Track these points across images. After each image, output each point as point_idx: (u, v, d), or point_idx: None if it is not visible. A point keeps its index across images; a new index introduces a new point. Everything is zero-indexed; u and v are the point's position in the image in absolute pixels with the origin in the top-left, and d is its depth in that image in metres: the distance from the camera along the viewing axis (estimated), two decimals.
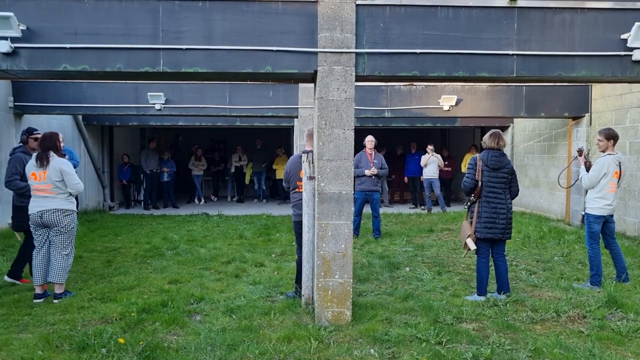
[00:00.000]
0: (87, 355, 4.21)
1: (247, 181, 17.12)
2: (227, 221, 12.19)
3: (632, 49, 5.00)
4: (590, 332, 4.78)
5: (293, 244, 9.38)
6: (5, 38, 4.65)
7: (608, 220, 6.34)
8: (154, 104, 10.04)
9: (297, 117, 10.55)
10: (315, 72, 4.91)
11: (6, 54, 4.72)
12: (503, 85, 10.54)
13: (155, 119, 12.37)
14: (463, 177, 15.31)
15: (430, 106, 10.74)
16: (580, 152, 6.42)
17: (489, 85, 10.55)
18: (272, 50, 4.86)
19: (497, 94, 10.70)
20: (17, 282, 6.47)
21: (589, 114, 10.72)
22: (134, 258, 8.05)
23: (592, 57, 5.05)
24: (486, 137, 5.78)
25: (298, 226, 5.86)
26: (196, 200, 16.52)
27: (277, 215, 13.30)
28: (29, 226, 6.09)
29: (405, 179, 15.67)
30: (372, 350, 4.40)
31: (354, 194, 9.75)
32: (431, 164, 14.21)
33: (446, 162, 15.05)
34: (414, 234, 10.46)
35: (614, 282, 6.32)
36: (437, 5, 4.92)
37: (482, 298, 5.77)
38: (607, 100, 10.27)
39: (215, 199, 17.39)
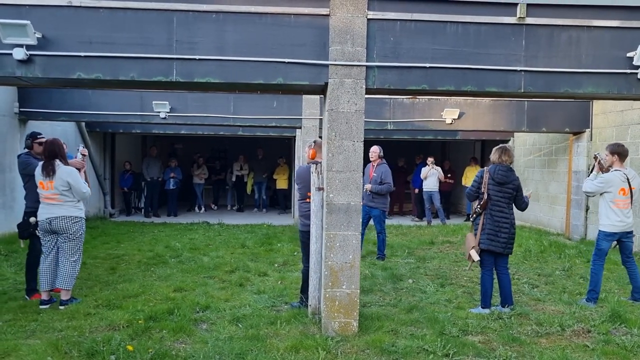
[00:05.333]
0: None
1: (248, 191, 17.17)
2: (228, 230, 12.22)
3: (637, 67, 5.07)
4: (596, 347, 4.82)
5: (295, 253, 9.44)
6: (20, 46, 4.70)
7: (623, 239, 6.34)
8: (159, 112, 10.09)
9: (300, 127, 10.61)
10: (326, 84, 4.98)
11: (21, 61, 4.77)
12: (505, 100, 10.63)
13: (159, 127, 12.43)
14: (463, 189, 15.41)
15: (433, 119, 10.83)
16: (595, 157, 6.42)
17: (491, 100, 10.66)
18: (284, 62, 4.93)
19: (499, 108, 10.80)
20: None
21: (590, 129, 10.82)
22: (137, 265, 8.07)
23: (599, 75, 5.12)
24: (495, 152, 5.85)
25: (305, 236, 5.89)
26: (196, 208, 16.54)
27: (277, 225, 13.35)
28: (30, 233, 6.10)
29: (416, 190, 15.59)
30: None
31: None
32: (431, 177, 14.29)
33: (449, 175, 15.16)
34: (415, 246, 10.50)
35: (631, 300, 6.33)
36: (447, 21, 4.99)
37: (487, 311, 5.80)
38: (608, 116, 10.37)
39: (216, 207, 17.42)
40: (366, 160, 6.13)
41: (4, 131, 9.82)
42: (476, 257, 5.71)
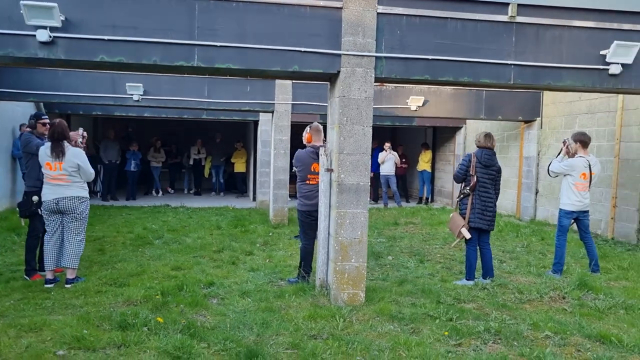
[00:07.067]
0: (132, 334, 4.43)
1: (206, 174, 17.25)
2: (196, 213, 12.35)
3: (609, 64, 5.74)
4: (573, 310, 5.48)
5: (270, 234, 9.79)
6: (44, 27, 4.76)
7: (580, 217, 7.08)
8: (132, 94, 10.06)
9: (273, 111, 10.88)
10: (338, 72, 5.33)
11: (44, 43, 4.83)
12: (465, 89, 11.31)
13: (121, 109, 12.33)
14: (416, 174, 15.99)
15: (399, 106, 11.37)
16: (564, 142, 7.08)
17: (452, 88, 11.30)
18: (300, 51, 5.23)
19: (459, 96, 11.48)
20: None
21: (540, 118, 11.69)
22: (123, 247, 8.16)
23: (577, 69, 5.75)
24: (481, 137, 6.39)
25: (305, 215, 6.27)
26: (154, 192, 16.45)
27: (241, 208, 13.59)
28: (32, 212, 6.16)
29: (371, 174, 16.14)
30: (392, 327, 4.88)
31: None
32: (388, 161, 14.92)
33: (403, 160, 15.83)
34: (381, 226, 11.06)
35: (590, 271, 7.06)
36: (448, 17, 5.46)
37: (471, 282, 6.38)
38: (557, 106, 11.25)
39: (172, 191, 17.38)
40: None
41: None
42: (468, 235, 6.26)
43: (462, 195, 6.42)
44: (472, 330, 4.77)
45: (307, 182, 6.21)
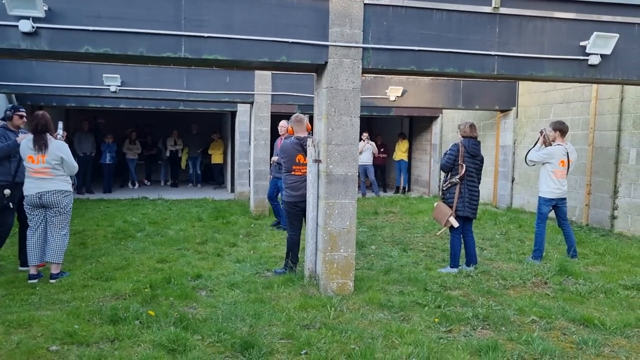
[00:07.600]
0: (125, 327, 4.41)
1: (183, 166, 17.10)
2: (175, 205, 12.24)
3: (589, 55, 5.87)
4: (556, 295, 5.64)
5: (252, 225, 9.77)
6: (27, 17, 4.66)
7: (558, 205, 7.25)
8: (109, 85, 9.89)
9: (252, 102, 10.82)
10: (326, 63, 5.34)
11: (27, 34, 4.72)
12: (443, 79, 11.42)
13: (96, 100, 12.10)
14: (393, 164, 16.07)
15: (378, 96, 11.43)
16: (541, 132, 7.22)
17: (431, 79, 11.41)
18: (288, 42, 5.23)
19: (437, 87, 11.59)
20: None
21: (516, 107, 11.89)
22: (105, 240, 8.06)
23: (558, 60, 5.86)
24: (467, 127, 6.47)
25: (290, 206, 6.29)
26: (130, 184, 16.25)
27: (219, 200, 13.52)
28: (3, 206, 6.02)
29: None
30: (382, 315, 4.95)
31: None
32: (366, 151, 15.00)
33: (382, 150, 15.94)
34: (361, 216, 11.12)
35: (569, 257, 7.23)
36: (433, 8, 5.50)
37: (455, 270, 6.49)
38: (532, 95, 11.45)
39: (149, 183, 17.19)
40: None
41: None
42: (456, 224, 6.36)
43: (449, 185, 6.49)
44: (461, 316, 4.87)
45: (292, 173, 6.23)
